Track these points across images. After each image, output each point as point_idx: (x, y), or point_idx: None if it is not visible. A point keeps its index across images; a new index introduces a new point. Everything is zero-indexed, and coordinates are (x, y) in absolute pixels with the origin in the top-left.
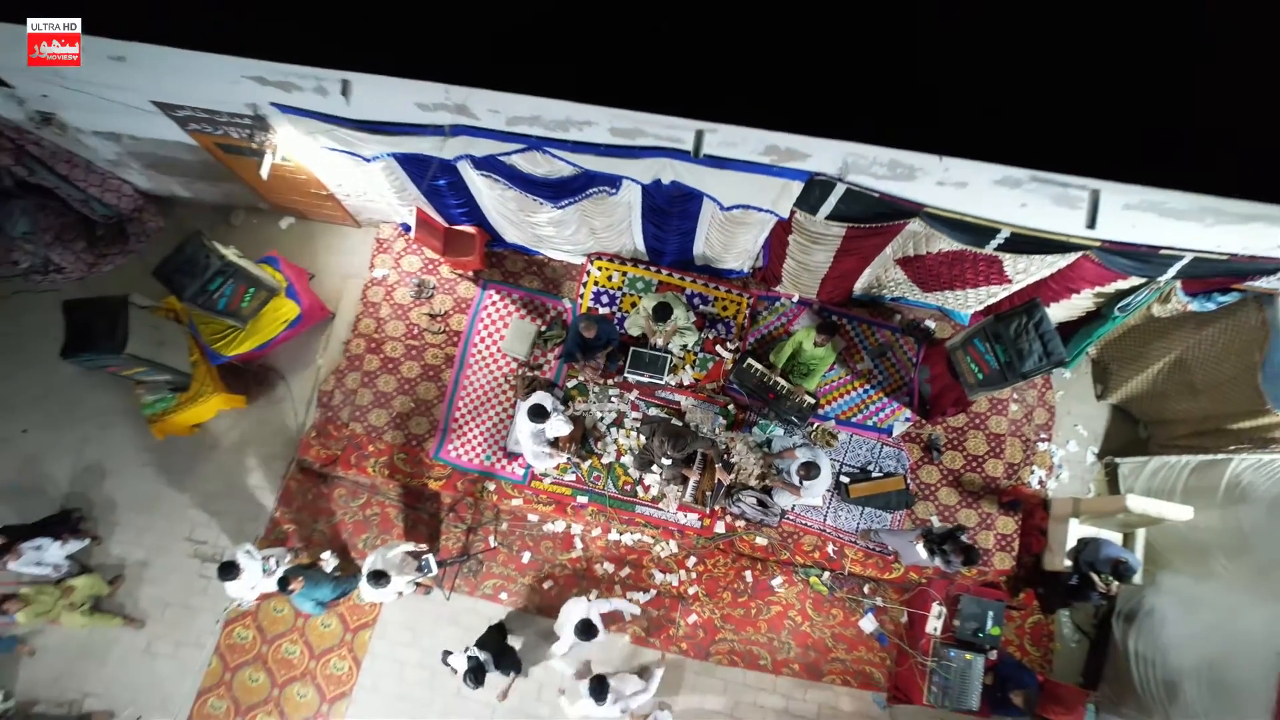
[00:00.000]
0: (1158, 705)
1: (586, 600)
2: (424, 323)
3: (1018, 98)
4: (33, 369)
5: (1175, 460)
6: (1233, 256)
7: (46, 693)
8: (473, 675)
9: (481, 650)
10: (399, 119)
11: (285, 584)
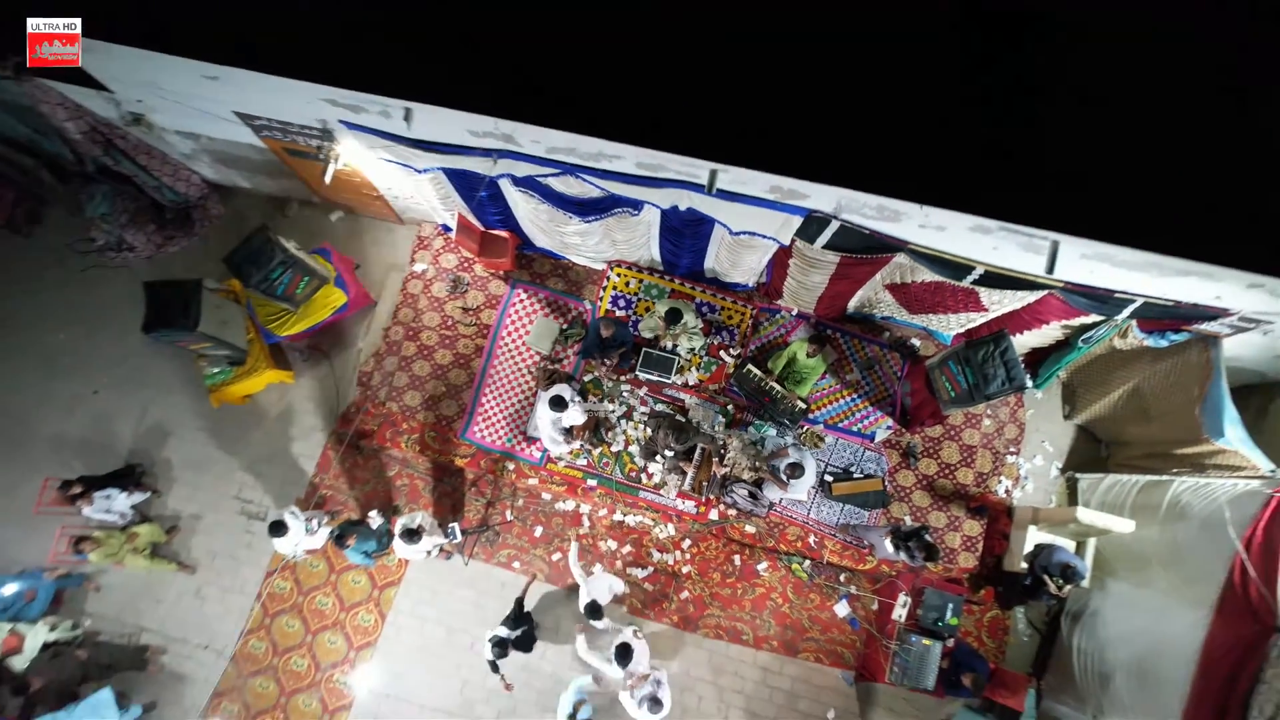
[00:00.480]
0: (1092, 694)
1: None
2: (457, 315)
3: (1002, 163)
4: (105, 337)
5: (1127, 479)
6: (1177, 303)
7: (109, 625)
8: (498, 647)
9: (506, 629)
10: (452, 141)
11: (342, 540)
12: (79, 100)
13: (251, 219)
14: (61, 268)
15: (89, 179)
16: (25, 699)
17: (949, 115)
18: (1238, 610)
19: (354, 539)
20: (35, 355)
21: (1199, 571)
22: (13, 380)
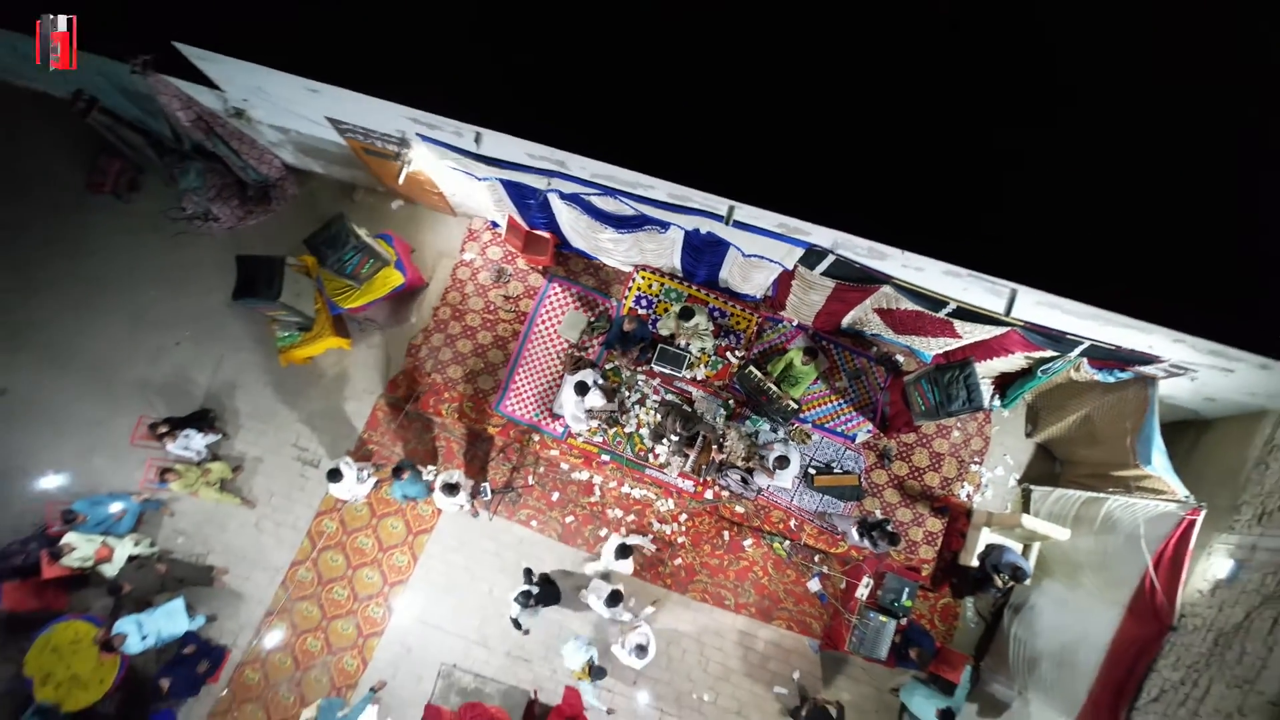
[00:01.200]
0: (1020, 675)
1: (620, 532)
2: (499, 302)
3: (974, 220)
4: (188, 296)
5: (1072, 494)
6: (1118, 347)
7: (179, 546)
8: (523, 598)
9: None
10: (512, 160)
11: (400, 472)
12: (192, 94)
13: (322, 201)
14: (154, 232)
15: (184, 155)
16: (115, 600)
17: (934, 177)
18: (1144, 612)
19: (407, 474)
20: (127, 308)
21: (1119, 578)
22: (107, 329)
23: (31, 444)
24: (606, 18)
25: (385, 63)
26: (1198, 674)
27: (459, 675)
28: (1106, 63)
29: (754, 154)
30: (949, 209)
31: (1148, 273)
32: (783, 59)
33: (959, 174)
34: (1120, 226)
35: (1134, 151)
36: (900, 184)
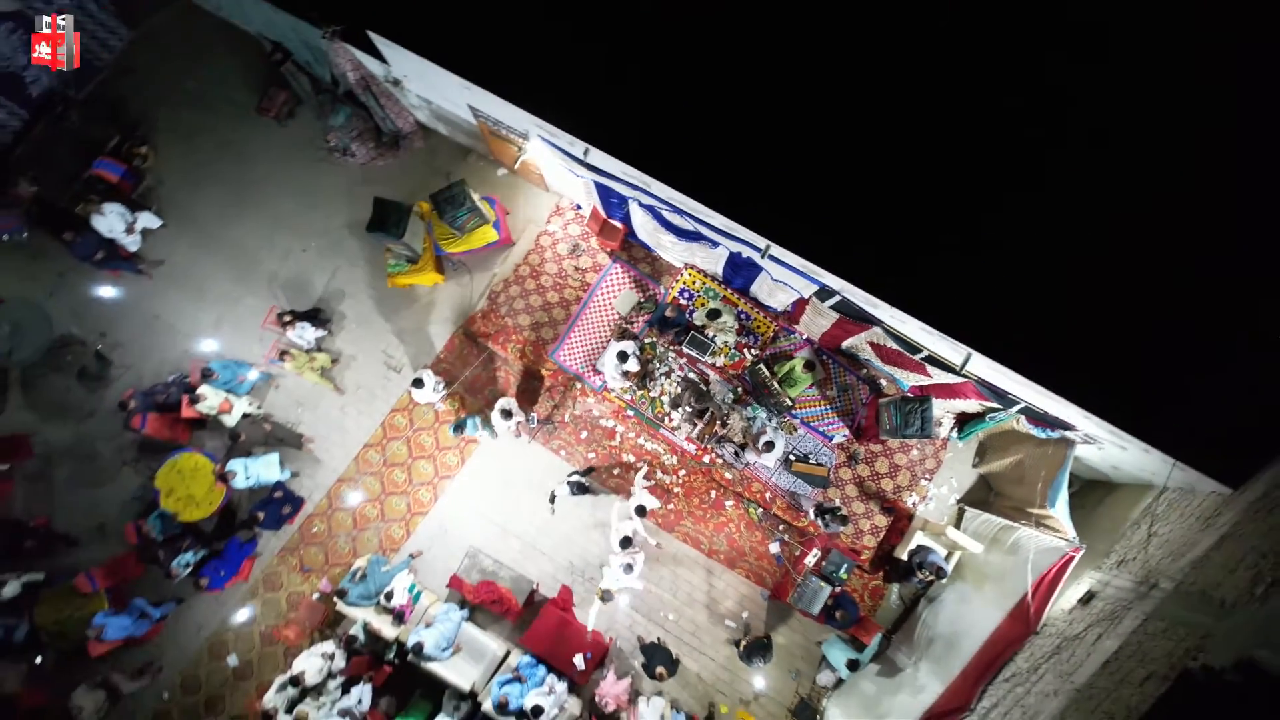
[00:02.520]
0: (919, 650)
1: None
2: (569, 271)
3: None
4: (320, 212)
5: (995, 519)
6: (1045, 412)
7: (277, 413)
8: (574, 486)
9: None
10: (608, 170)
11: (460, 427)
12: (363, 61)
13: (441, 156)
14: (301, 155)
15: (337, 99)
16: (230, 445)
17: (927, 257)
18: (1019, 618)
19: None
20: (270, 213)
21: (1009, 589)
22: (252, 227)
23: (181, 306)
24: (707, 85)
25: (529, 78)
26: (1039, 666)
27: (482, 558)
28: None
29: (794, 210)
30: (933, 283)
31: (1073, 359)
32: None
33: (948, 255)
34: (1061, 320)
35: (1079, 255)
36: (898, 258)
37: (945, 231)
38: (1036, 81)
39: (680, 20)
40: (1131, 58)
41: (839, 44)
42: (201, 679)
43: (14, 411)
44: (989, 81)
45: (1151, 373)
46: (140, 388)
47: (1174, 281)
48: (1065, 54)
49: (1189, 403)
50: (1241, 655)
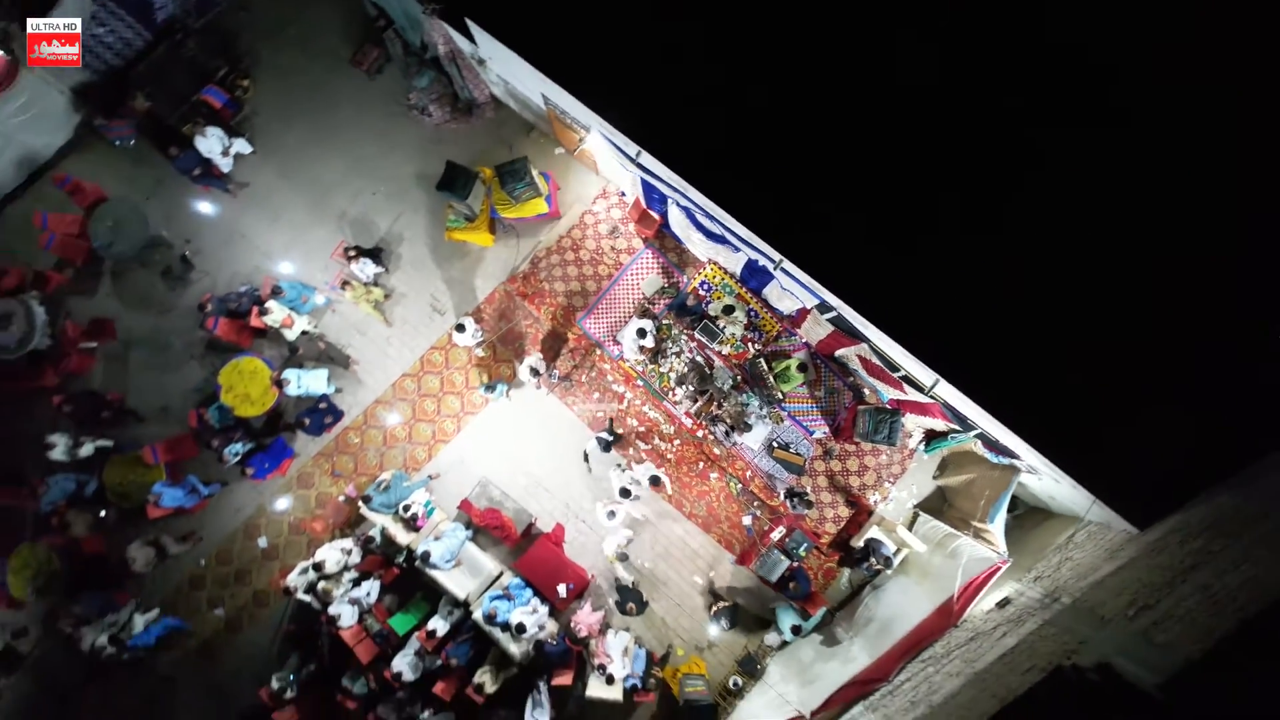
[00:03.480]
0: (856, 627)
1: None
2: (606, 249)
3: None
4: (392, 161)
5: (943, 526)
6: (998, 440)
7: (331, 335)
8: (603, 445)
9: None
10: (655, 171)
11: (491, 388)
12: (454, 37)
13: (507, 129)
14: (384, 108)
15: (423, 63)
16: (288, 356)
17: (916, 293)
18: (945, 612)
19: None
20: (348, 155)
21: (942, 587)
22: (331, 165)
23: (259, 227)
24: (760, 121)
25: (602, 83)
26: (951, 652)
27: (491, 488)
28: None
29: (808, 235)
30: (913, 317)
31: (1024, 398)
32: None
33: (928, 297)
34: (1017, 362)
35: (1040, 307)
36: (890, 295)
37: (929, 277)
38: (1013, 145)
39: (744, 62)
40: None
41: (872, 101)
42: (234, 554)
43: (103, 298)
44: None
45: (1087, 419)
46: (216, 293)
47: (1114, 339)
48: (1041, 122)
49: (1116, 450)
50: (1103, 660)
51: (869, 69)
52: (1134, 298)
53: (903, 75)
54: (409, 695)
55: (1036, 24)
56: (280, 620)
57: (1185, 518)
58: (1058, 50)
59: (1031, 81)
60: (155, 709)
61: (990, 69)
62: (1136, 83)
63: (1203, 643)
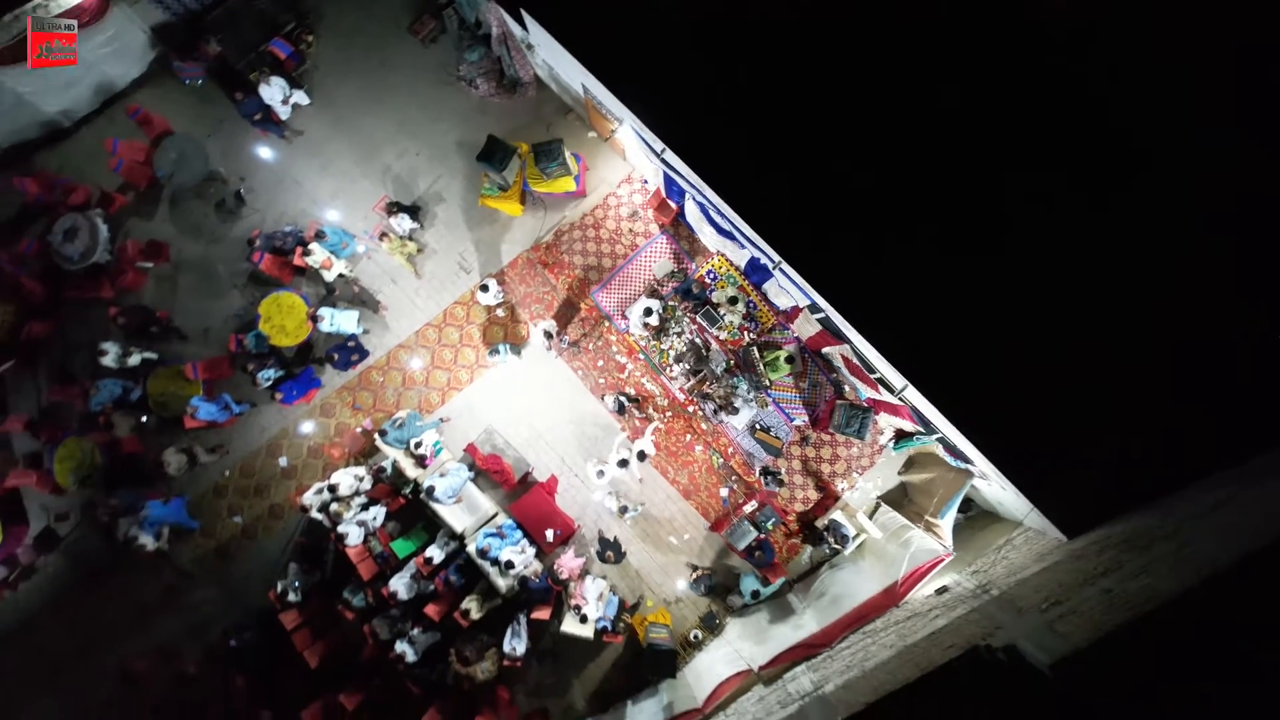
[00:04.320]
0: (810, 599)
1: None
2: (624, 231)
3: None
4: (438, 128)
5: (900, 518)
6: (955, 445)
7: (365, 280)
8: (619, 406)
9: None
10: (677, 168)
11: (496, 352)
12: (507, 20)
13: (546, 108)
14: (434, 75)
15: (475, 38)
16: (324, 295)
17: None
18: (890, 594)
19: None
20: (397, 115)
21: (890, 572)
22: (380, 123)
23: (309, 173)
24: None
25: (639, 85)
26: (889, 627)
27: (495, 436)
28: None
29: (803, 244)
30: (891, 328)
31: (980, 410)
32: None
33: (907, 312)
34: (976, 378)
35: (1006, 327)
36: (874, 306)
37: (907, 293)
38: (992, 189)
39: (769, 90)
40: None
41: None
42: (256, 469)
43: (160, 222)
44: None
45: (1035, 437)
46: (264, 230)
47: (1065, 371)
48: (1018, 166)
49: (1057, 467)
50: (1011, 643)
51: (872, 108)
52: (1087, 337)
53: (902, 118)
54: (401, 613)
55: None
56: (292, 533)
57: (1107, 531)
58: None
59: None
60: (174, 598)
61: (982, 118)
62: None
63: (1093, 634)
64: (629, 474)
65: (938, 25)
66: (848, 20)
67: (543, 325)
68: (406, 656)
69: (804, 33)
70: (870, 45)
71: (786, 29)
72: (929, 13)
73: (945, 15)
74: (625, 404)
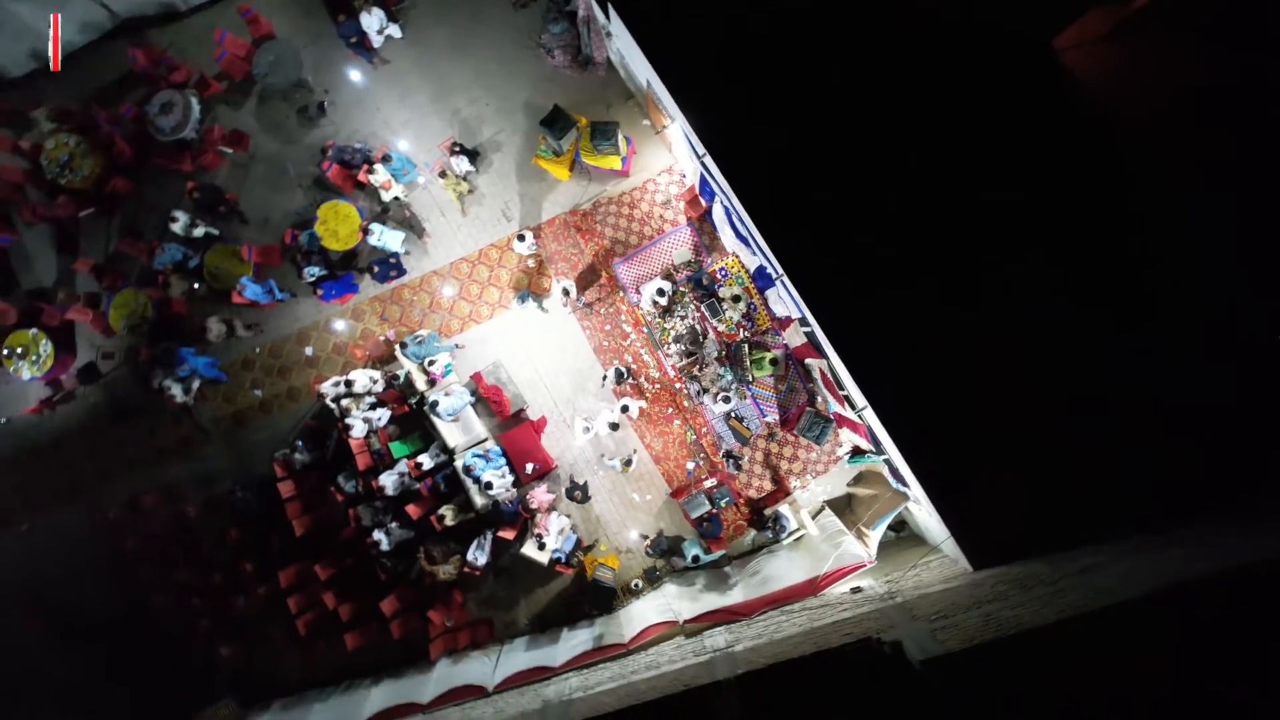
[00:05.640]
0: (744, 576)
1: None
2: (655, 215)
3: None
4: (507, 84)
5: (838, 522)
6: (897, 469)
7: (416, 207)
8: (619, 377)
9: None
10: (711, 172)
11: (524, 299)
12: (594, 7)
13: (611, 90)
14: (517, 38)
15: (562, 12)
16: (379, 213)
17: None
18: (812, 584)
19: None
20: (476, 66)
21: (818, 566)
22: (459, 69)
23: (387, 100)
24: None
25: (696, 94)
26: (803, 611)
27: (501, 371)
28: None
29: (807, 269)
30: (863, 359)
31: (925, 444)
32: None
33: (881, 345)
34: (924, 415)
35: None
36: (853, 329)
37: (883, 328)
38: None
39: (806, 133)
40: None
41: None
42: (284, 352)
43: (245, 115)
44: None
45: (966, 478)
46: (337, 142)
47: (1004, 423)
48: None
49: (979, 508)
50: (897, 640)
51: (893, 185)
52: (1032, 408)
53: (918, 198)
54: (385, 506)
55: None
56: (304, 415)
57: (1007, 570)
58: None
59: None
60: (188, 448)
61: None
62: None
63: (963, 644)
64: (613, 430)
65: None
66: (894, 110)
67: (564, 283)
68: (381, 544)
69: (853, 111)
70: (906, 137)
71: (841, 100)
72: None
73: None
74: (624, 375)
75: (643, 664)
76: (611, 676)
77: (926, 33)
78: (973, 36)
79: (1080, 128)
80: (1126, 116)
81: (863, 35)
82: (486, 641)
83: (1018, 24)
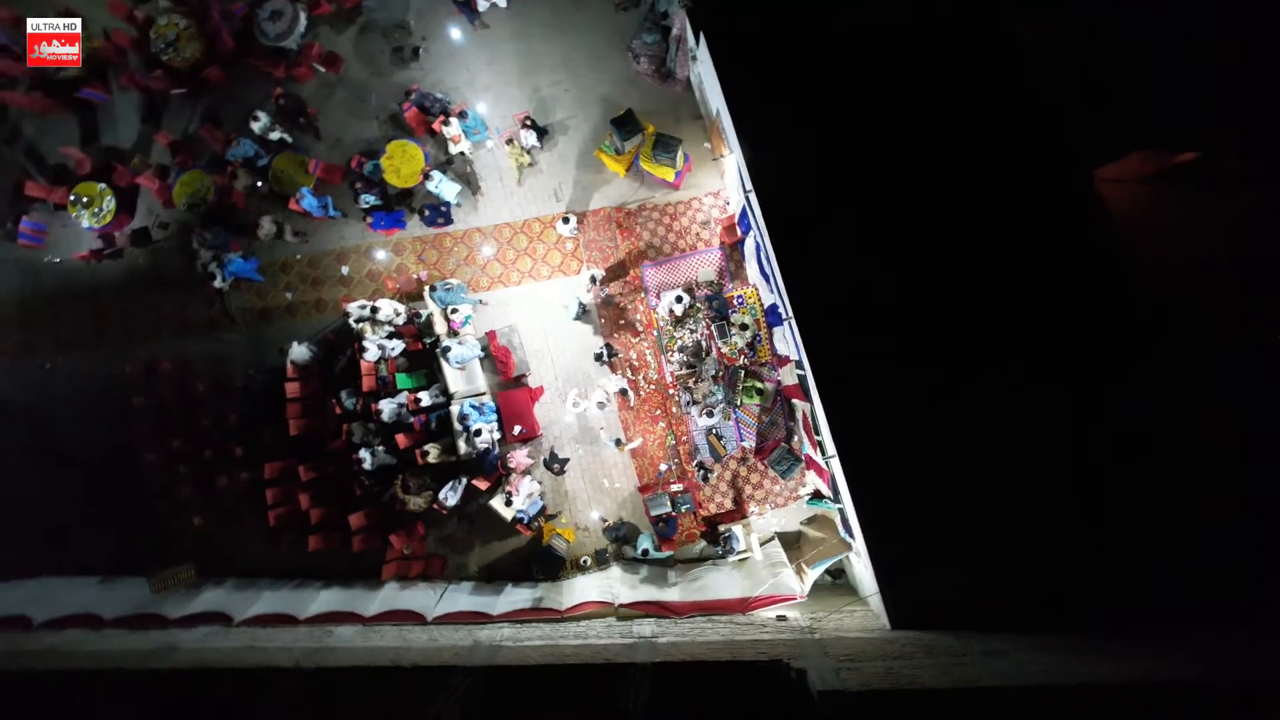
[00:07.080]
0: (685, 579)
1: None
2: (694, 231)
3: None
4: (589, 74)
5: (783, 554)
6: (848, 520)
7: (477, 166)
8: (607, 353)
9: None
10: (753, 208)
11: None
12: (687, 29)
13: (683, 107)
14: (611, 37)
15: (657, 24)
16: (443, 164)
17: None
18: (743, 602)
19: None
20: (567, 53)
21: (753, 588)
22: (550, 51)
23: (476, 61)
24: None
25: (757, 132)
26: (728, 625)
27: (514, 335)
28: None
29: (814, 321)
30: (845, 419)
31: (878, 509)
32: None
33: (862, 411)
34: (892, 483)
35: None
36: (839, 387)
37: (870, 397)
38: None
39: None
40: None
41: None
42: (321, 265)
43: (345, 40)
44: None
45: (904, 543)
46: (422, 88)
47: (954, 509)
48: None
49: (912, 576)
50: (804, 670)
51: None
52: (987, 502)
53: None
54: (377, 429)
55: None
56: (325, 328)
57: (921, 635)
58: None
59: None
60: (212, 329)
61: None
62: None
63: (859, 687)
64: (600, 411)
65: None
66: (930, 207)
67: (593, 271)
68: (365, 463)
69: (893, 201)
70: (935, 235)
71: (885, 184)
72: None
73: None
74: (603, 355)
75: (572, 632)
76: (541, 636)
77: (978, 138)
78: (1022, 152)
79: (1103, 258)
80: (1149, 257)
81: (928, 138)
82: (436, 576)
83: (1069, 150)
